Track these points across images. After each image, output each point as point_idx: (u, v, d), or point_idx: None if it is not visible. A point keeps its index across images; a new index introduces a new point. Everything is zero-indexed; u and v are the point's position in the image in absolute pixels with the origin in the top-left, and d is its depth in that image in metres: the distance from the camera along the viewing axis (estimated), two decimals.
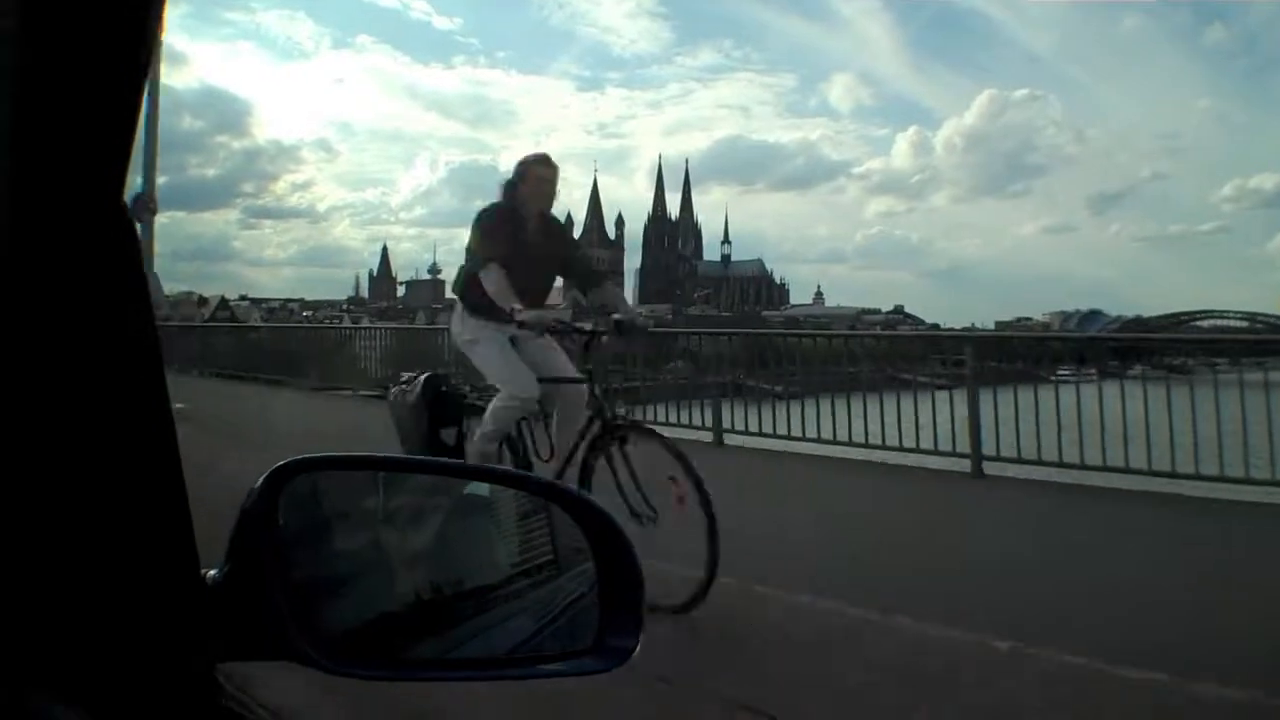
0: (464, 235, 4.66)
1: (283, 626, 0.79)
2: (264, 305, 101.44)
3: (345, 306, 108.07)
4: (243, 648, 0.80)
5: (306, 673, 0.81)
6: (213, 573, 0.79)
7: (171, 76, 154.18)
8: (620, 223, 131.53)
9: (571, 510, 0.97)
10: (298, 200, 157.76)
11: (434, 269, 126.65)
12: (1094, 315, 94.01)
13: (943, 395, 9.12)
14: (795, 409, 8.98)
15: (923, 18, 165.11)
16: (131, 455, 0.72)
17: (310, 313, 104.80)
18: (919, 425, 8.22)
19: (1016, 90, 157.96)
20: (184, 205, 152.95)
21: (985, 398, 7.92)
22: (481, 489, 1.04)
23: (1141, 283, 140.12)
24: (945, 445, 7.97)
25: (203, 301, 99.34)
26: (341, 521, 0.97)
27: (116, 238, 0.70)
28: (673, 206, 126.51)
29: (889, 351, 11.26)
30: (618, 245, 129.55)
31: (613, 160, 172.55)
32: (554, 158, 4.66)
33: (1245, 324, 70.73)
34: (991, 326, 64.07)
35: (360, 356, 16.73)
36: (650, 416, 9.42)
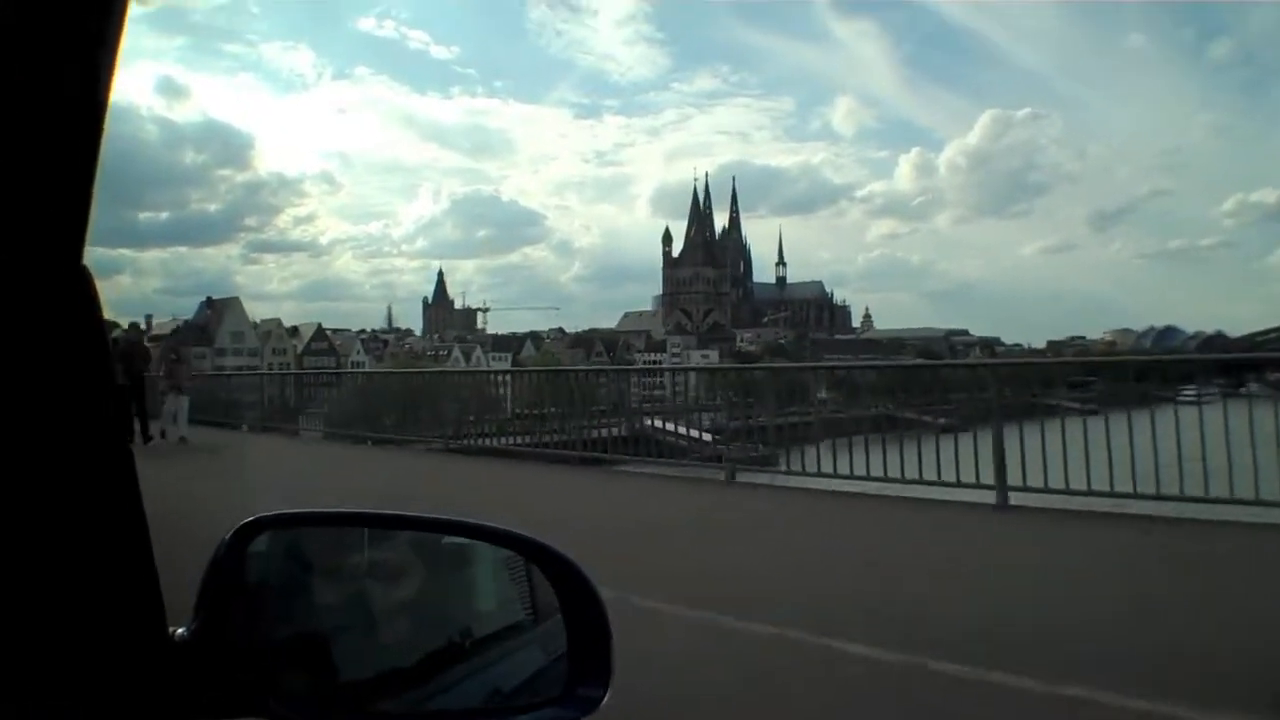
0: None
1: (252, 683, 0.84)
2: (359, 334, 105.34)
3: (440, 336, 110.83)
4: (212, 706, 0.83)
5: None
6: (181, 630, 0.83)
7: (173, 111, 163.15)
8: (733, 233, 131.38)
9: (539, 562, 1.00)
10: (300, 234, 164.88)
11: (424, 302, 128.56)
12: (1170, 331, 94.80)
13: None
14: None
15: (922, 39, 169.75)
16: (96, 515, 0.75)
17: (401, 342, 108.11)
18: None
19: (1019, 110, 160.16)
20: (186, 240, 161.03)
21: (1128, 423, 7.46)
22: (458, 542, 1.08)
23: (1144, 299, 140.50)
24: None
25: (294, 332, 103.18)
26: (314, 576, 1.02)
27: (77, 300, 0.75)
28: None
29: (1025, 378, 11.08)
30: (720, 264, 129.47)
31: (611, 188, 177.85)
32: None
33: None
34: (1042, 345, 64.79)
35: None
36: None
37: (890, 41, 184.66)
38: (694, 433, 12.74)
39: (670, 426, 13.01)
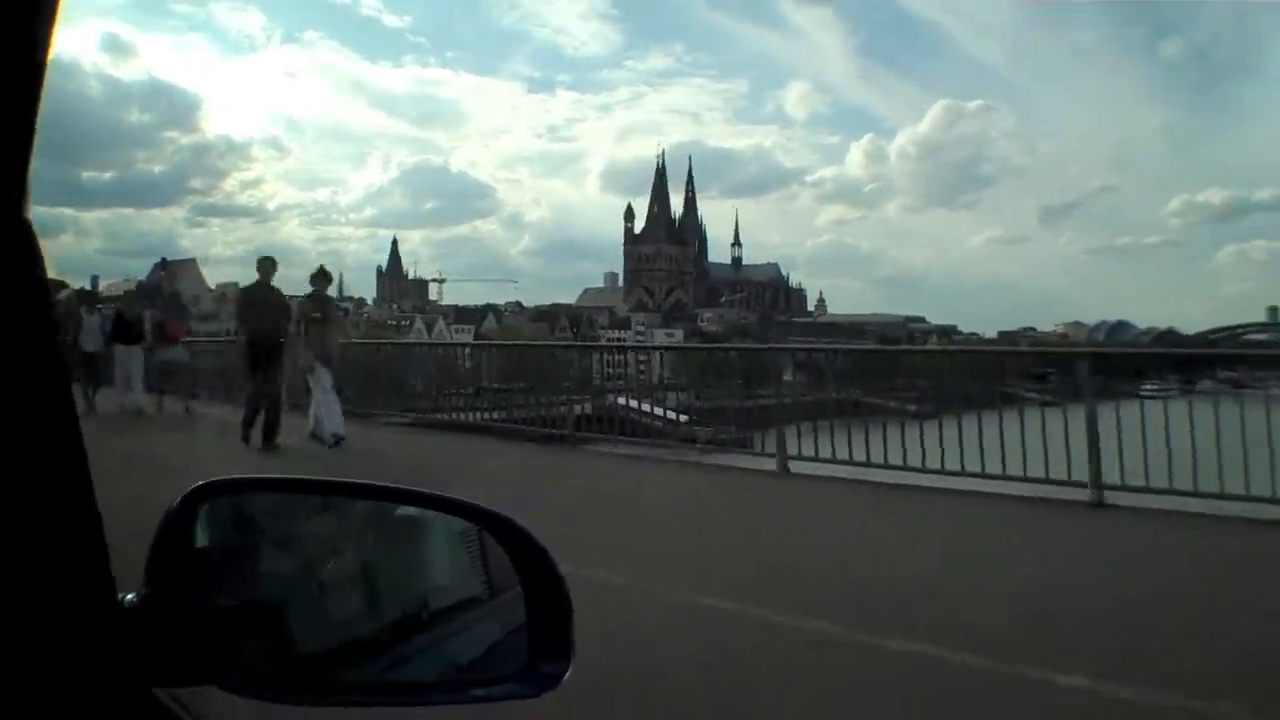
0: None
1: (204, 650, 0.83)
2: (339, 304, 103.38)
3: (399, 306, 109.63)
4: (163, 673, 0.82)
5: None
6: (130, 596, 0.82)
7: (119, 69, 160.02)
8: (693, 211, 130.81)
9: (499, 534, 0.98)
10: (247, 199, 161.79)
11: (378, 270, 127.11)
12: (1122, 326, 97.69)
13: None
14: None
15: (877, 28, 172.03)
16: (39, 478, 0.73)
17: (359, 310, 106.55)
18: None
19: (970, 101, 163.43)
20: (131, 202, 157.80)
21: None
22: (413, 512, 1.06)
23: (1090, 294, 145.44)
24: None
25: None
26: (267, 543, 1.01)
27: (17, 251, 0.72)
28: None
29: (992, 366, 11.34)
30: (687, 243, 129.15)
31: (563, 163, 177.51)
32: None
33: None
34: (994, 336, 67.37)
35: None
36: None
37: (846, 28, 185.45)
38: (666, 412, 12.62)
39: (641, 406, 12.85)
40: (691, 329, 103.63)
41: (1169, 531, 6.41)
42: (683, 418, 12.42)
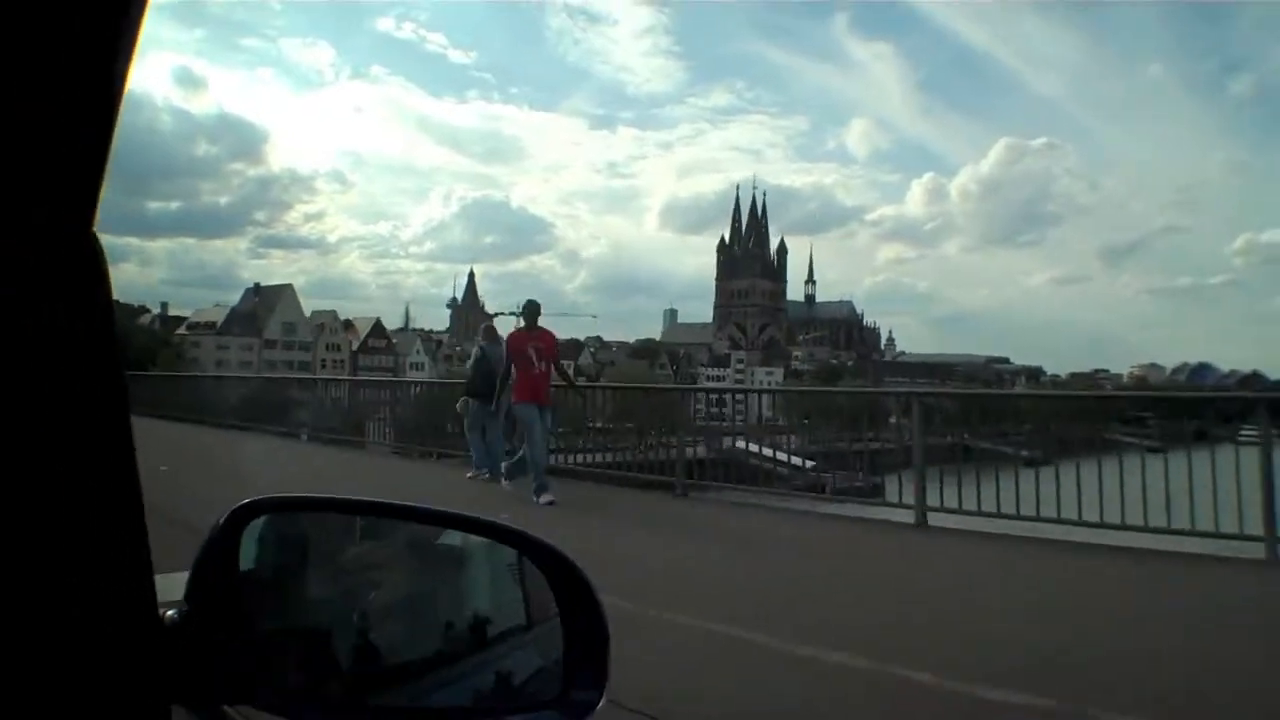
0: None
1: (242, 670, 0.84)
2: (431, 336, 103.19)
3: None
4: (200, 691, 0.82)
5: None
6: (171, 613, 0.82)
7: (189, 101, 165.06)
8: (783, 249, 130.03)
9: (538, 559, 0.98)
10: (309, 231, 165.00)
11: (453, 303, 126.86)
12: (1204, 369, 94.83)
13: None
14: None
15: (939, 64, 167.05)
16: (91, 492, 0.73)
17: (454, 344, 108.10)
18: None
19: (1034, 139, 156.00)
20: (194, 232, 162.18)
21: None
22: (455, 536, 1.07)
23: (1149, 334, 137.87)
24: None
25: (349, 326, 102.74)
26: (308, 564, 1.02)
27: (85, 269, 0.72)
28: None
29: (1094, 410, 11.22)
30: (780, 278, 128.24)
31: (622, 200, 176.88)
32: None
33: None
34: (1065, 377, 66.28)
35: None
36: None
37: (907, 65, 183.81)
38: (790, 458, 12.40)
39: (762, 450, 12.63)
40: (787, 367, 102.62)
41: None
42: (808, 463, 12.17)
